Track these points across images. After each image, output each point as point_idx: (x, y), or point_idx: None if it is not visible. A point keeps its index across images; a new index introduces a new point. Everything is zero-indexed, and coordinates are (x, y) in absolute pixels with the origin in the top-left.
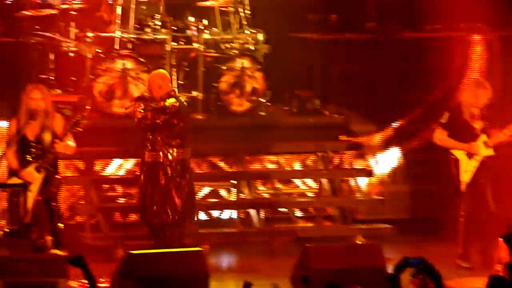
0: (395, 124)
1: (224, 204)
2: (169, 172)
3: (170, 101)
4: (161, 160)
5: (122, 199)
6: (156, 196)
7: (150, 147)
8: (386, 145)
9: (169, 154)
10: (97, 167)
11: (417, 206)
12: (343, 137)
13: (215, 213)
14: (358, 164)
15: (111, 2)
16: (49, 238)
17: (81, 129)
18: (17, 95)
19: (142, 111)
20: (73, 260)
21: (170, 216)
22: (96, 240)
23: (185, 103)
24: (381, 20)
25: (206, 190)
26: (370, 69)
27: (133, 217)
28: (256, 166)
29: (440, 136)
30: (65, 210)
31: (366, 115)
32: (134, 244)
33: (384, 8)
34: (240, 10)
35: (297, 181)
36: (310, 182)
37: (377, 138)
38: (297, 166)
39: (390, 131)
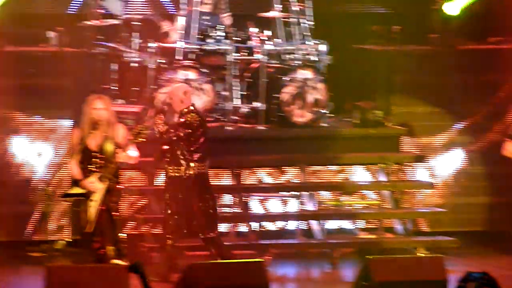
0: (459, 126)
1: (286, 216)
2: (190, 186)
3: (192, 115)
4: (182, 174)
5: None
6: (178, 211)
7: (171, 161)
8: (446, 153)
9: (190, 168)
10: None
11: (479, 219)
12: (404, 149)
13: (277, 224)
14: (420, 176)
15: (174, 13)
16: (110, 248)
17: (144, 140)
18: (79, 105)
19: (163, 124)
20: (132, 267)
21: (192, 231)
22: (155, 251)
23: (203, 117)
24: (444, 31)
25: (269, 201)
26: (433, 80)
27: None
28: (317, 178)
29: (510, 148)
30: (126, 220)
31: (429, 126)
32: (195, 255)
33: (448, 20)
34: (303, 20)
35: (359, 193)
36: (372, 193)
37: (439, 145)
38: (359, 177)
39: (452, 137)
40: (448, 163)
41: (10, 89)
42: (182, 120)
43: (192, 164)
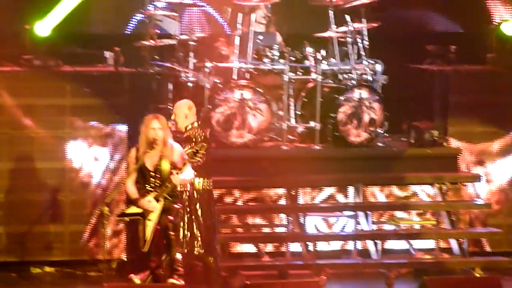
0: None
1: (341, 236)
2: (194, 202)
3: (196, 131)
4: (188, 190)
5: (240, 228)
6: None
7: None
8: (505, 173)
9: (194, 184)
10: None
11: None
12: (461, 169)
13: (333, 244)
14: (477, 196)
15: (229, 33)
16: (166, 267)
17: (200, 160)
18: (135, 124)
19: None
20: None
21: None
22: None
23: (207, 134)
24: (501, 51)
25: (324, 221)
26: (491, 100)
27: (250, 247)
28: (373, 198)
29: None
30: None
31: (486, 146)
32: (251, 275)
33: (505, 39)
34: (359, 40)
35: (415, 213)
36: (428, 213)
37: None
38: (416, 197)
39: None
40: (506, 183)
41: (65, 108)
42: (185, 135)
43: (198, 180)
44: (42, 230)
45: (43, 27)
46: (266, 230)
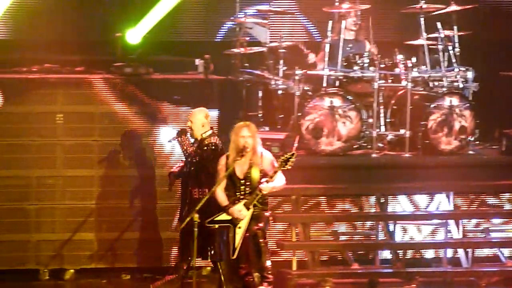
0: None
1: (432, 243)
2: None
3: (211, 139)
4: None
5: (328, 236)
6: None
7: (196, 185)
8: None
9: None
10: (305, 205)
11: None
12: None
13: (423, 252)
14: None
15: (319, 40)
16: (256, 275)
17: (290, 167)
18: (225, 132)
19: (189, 145)
20: None
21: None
22: (302, 277)
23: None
24: None
25: (415, 228)
26: None
27: (338, 255)
28: (464, 205)
29: None
30: (272, 246)
31: None
32: (340, 282)
33: None
34: (450, 47)
35: (506, 221)
36: None
37: None
38: (507, 205)
39: None
40: None
41: (155, 116)
42: (201, 143)
43: (207, 189)
44: (132, 236)
45: (134, 35)
46: (355, 238)
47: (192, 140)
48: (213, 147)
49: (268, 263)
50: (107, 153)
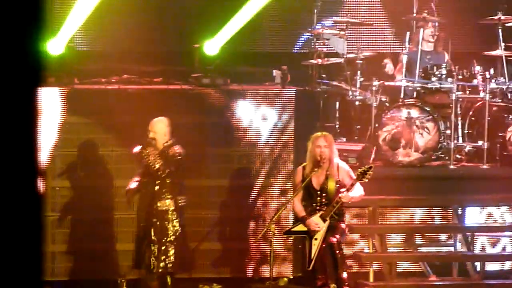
0: None
1: (510, 256)
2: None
3: (174, 149)
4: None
5: (408, 248)
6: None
7: (169, 195)
8: None
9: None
10: (381, 216)
11: None
12: None
13: (502, 264)
14: None
15: (397, 52)
16: (333, 286)
17: (367, 180)
18: (301, 142)
19: (153, 156)
20: None
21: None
22: None
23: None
24: None
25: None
26: None
27: (419, 267)
28: None
29: None
30: (349, 258)
31: None
32: None
33: None
34: None
35: None
36: None
37: None
38: None
39: None
40: None
41: (228, 127)
42: (165, 153)
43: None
44: (208, 247)
45: (212, 45)
46: (432, 249)
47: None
48: (180, 157)
49: (345, 275)
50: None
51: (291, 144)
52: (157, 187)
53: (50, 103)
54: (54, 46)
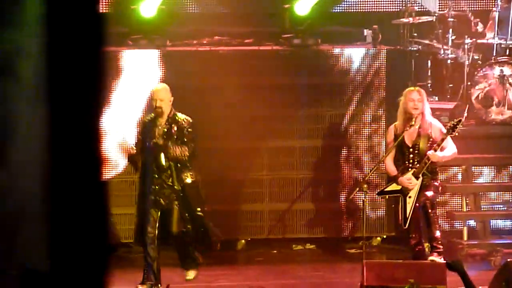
0: None
1: None
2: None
3: (183, 118)
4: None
5: (500, 206)
6: None
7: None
8: None
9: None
10: (475, 174)
11: None
12: None
13: None
14: None
15: (489, 9)
16: (426, 245)
17: (457, 134)
18: (392, 103)
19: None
20: (451, 264)
21: None
22: (473, 247)
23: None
24: None
25: None
26: None
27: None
28: None
29: None
30: (443, 217)
31: None
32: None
33: None
34: None
35: None
36: None
37: None
38: None
39: None
40: None
41: (322, 87)
42: (174, 120)
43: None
44: (301, 207)
45: (303, 6)
46: None
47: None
48: (190, 120)
49: (438, 233)
50: (279, 124)
51: (383, 104)
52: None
53: (143, 65)
54: (147, 8)
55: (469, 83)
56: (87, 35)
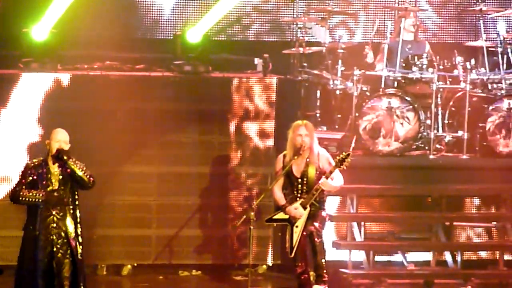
0: None
1: (488, 245)
2: None
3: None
4: None
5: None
6: None
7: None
8: None
9: None
10: (361, 204)
11: None
12: None
13: (480, 254)
14: None
15: (378, 41)
16: (312, 274)
17: (345, 167)
18: (282, 131)
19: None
20: None
21: None
22: (358, 277)
23: None
24: None
25: (472, 230)
26: None
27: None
28: None
29: None
30: (329, 246)
31: None
32: (396, 283)
33: None
34: (509, 50)
35: None
36: None
37: None
38: None
39: None
40: None
41: (215, 114)
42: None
43: None
44: (189, 234)
45: (194, 33)
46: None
47: None
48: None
49: (324, 262)
50: (167, 149)
51: (271, 133)
52: None
53: (33, 89)
54: (38, 31)
55: (357, 114)
56: None
